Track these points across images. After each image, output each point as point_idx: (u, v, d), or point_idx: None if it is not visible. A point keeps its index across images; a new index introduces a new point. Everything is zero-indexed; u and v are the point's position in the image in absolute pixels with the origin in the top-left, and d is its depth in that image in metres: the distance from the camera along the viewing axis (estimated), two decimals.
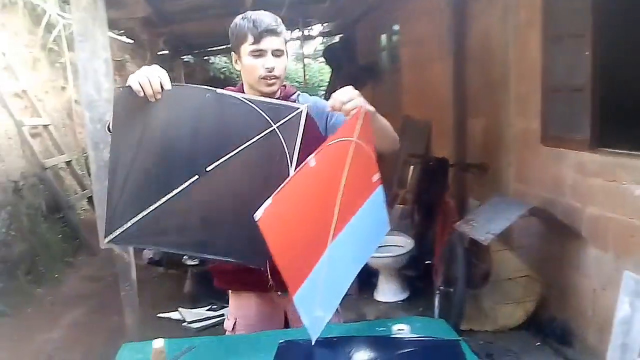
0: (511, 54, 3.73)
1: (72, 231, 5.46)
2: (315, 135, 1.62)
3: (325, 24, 8.57)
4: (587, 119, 2.91)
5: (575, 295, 3.08)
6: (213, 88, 1.52)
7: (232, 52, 1.67)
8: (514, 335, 3.33)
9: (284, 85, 1.72)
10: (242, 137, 1.48)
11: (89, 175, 6.05)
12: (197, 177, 1.47)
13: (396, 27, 6.71)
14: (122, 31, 7.02)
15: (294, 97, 1.73)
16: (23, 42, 5.91)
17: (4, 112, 5.02)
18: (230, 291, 1.82)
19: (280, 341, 1.50)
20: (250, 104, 1.50)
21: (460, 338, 1.53)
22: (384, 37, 7.33)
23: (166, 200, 1.46)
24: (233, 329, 1.78)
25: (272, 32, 1.58)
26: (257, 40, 1.57)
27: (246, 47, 1.59)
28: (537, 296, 3.35)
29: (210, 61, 10.34)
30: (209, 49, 9.13)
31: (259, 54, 1.59)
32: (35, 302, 4.27)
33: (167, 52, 7.87)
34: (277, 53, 1.60)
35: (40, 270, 4.64)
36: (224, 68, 10.63)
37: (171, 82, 1.44)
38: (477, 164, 4.11)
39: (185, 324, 3.79)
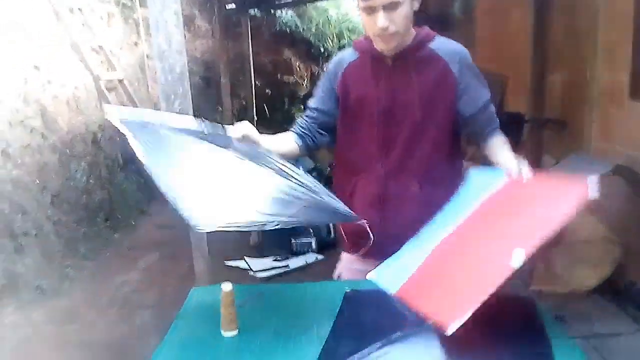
0: (600, 1, 3.43)
1: (145, 181, 5.70)
2: (446, 80, 1.56)
3: None
4: None
5: None
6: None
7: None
8: (587, 299, 3.18)
9: (416, 30, 1.57)
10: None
11: None
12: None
13: None
14: None
15: (430, 43, 1.58)
16: None
17: (82, 67, 5.21)
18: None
19: (347, 289, 1.50)
20: None
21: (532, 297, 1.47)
22: None
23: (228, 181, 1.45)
24: (338, 278, 1.82)
25: None
26: None
27: (359, 3, 1.46)
28: (615, 260, 3.17)
29: (277, 15, 10.23)
30: (276, 2, 9.04)
31: (370, 10, 1.44)
32: (113, 247, 4.53)
33: (234, 6, 7.85)
34: (391, 6, 1.42)
35: (118, 217, 4.90)
36: (289, 22, 10.49)
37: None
38: (554, 120, 3.87)
39: (251, 272, 3.90)
